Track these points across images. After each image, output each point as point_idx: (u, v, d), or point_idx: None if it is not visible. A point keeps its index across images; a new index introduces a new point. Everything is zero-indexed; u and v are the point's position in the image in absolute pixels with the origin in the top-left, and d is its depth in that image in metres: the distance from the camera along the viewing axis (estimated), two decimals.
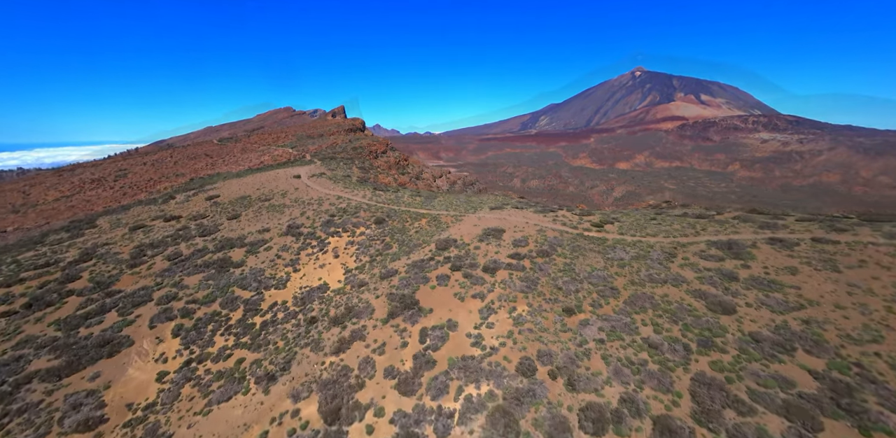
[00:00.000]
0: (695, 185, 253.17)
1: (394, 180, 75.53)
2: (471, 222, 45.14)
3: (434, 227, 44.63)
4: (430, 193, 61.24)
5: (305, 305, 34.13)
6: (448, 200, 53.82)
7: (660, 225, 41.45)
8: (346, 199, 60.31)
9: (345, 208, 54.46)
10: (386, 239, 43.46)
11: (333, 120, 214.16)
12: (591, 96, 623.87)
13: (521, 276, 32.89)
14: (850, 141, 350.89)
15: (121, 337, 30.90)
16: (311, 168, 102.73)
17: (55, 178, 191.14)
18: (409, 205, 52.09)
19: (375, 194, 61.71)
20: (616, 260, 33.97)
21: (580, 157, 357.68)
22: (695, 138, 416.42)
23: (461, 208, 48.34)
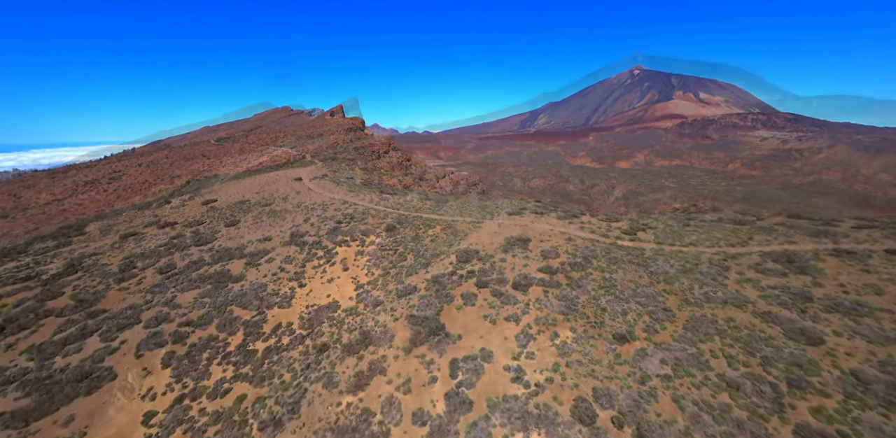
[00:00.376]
0: (696, 184, 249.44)
1: (398, 182, 71.40)
2: (490, 229, 41.09)
3: (450, 236, 40.57)
4: (440, 196, 57.00)
5: (314, 328, 30.06)
6: (460, 204, 49.78)
7: (697, 232, 37.53)
8: (351, 204, 56.17)
9: (351, 214, 50.35)
10: (399, 250, 39.36)
11: (333, 119, 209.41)
12: (590, 94, 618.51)
13: (558, 294, 28.93)
14: (849, 138, 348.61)
15: (102, 368, 26.71)
16: (313, 169, 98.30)
17: (48, 180, 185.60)
18: (420, 209, 48.03)
19: (383, 198, 57.62)
20: (661, 274, 30.02)
21: (580, 156, 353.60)
22: (694, 136, 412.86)
23: (476, 213, 44.35)
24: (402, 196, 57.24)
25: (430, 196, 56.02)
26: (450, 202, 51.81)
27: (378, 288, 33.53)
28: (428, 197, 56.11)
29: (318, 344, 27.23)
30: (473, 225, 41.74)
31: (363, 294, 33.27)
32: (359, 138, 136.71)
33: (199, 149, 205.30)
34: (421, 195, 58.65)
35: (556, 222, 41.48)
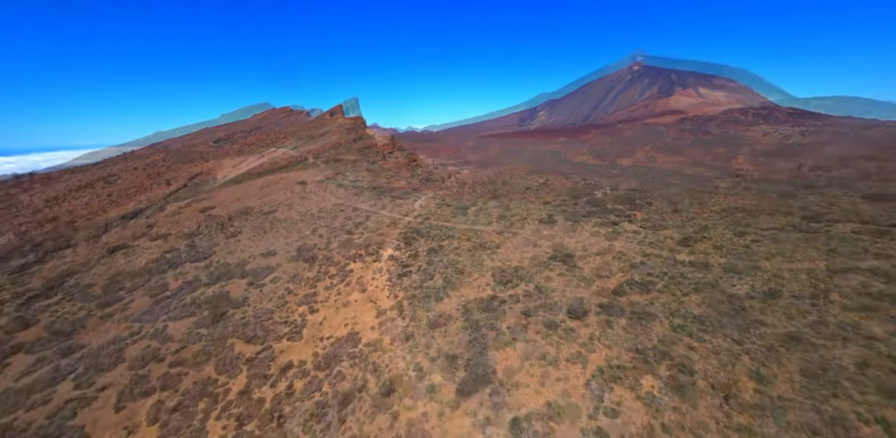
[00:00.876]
0: (701, 181, 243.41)
1: (407, 183, 66.01)
2: (523, 241, 35.70)
3: (479, 248, 35.20)
4: (456, 200, 51.55)
5: (331, 367, 24.79)
6: (480, 210, 44.41)
7: (764, 243, 32.10)
8: (362, 211, 50.81)
9: (363, 222, 44.97)
10: (422, 266, 33.96)
11: (333, 119, 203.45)
12: (590, 90, 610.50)
13: (625, 325, 23.67)
14: (852, 132, 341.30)
15: (72, 429, 21.40)
16: (316, 172, 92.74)
17: (40, 185, 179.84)
18: (438, 216, 42.77)
19: (395, 203, 52.33)
20: (744, 298, 24.69)
21: (581, 153, 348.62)
22: (695, 132, 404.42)
23: (501, 221, 39.10)
24: (415, 200, 51.87)
25: (445, 200, 50.53)
26: (468, 207, 46.46)
27: (404, 316, 28.25)
28: (445, 201, 50.58)
29: (340, 396, 21.92)
30: (502, 236, 36.49)
31: (387, 322, 27.99)
32: (360, 138, 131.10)
33: (197, 151, 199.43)
34: (437, 200, 53.11)
35: (595, 231, 36.30)
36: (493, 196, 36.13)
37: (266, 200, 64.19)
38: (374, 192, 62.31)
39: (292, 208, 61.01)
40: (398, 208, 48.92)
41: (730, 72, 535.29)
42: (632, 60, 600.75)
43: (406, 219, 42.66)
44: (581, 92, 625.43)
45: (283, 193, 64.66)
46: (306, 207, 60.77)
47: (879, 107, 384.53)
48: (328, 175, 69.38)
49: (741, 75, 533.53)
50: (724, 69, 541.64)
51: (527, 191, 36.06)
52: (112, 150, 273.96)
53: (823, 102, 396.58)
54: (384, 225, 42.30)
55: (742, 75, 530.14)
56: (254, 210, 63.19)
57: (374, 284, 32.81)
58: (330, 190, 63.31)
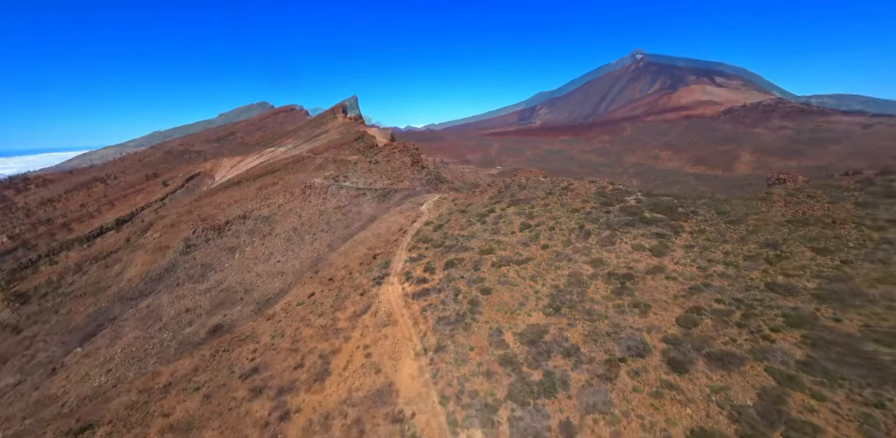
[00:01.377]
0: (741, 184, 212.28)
1: (412, 185, 61.59)
2: (555, 255, 30.83)
3: (505, 263, 30.41)
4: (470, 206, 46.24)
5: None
6: (501, 218, 39.46)
7: (858, 263, 25.33)
8: (367, 216, 46.51)
9: (383, 235, 40.38)
10: (461, 289, 27.99)
11: (333, 118, 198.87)
12: (592, 84, 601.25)
13: (707, 370, 19.04)
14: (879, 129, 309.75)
15: None
16: (316, 172, 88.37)
17: (35, 187, 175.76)
18: (453, 224, 38.09)
19: (402, 207, 47.87)
20: (863, 340, 19.06)
21: (587, 151, 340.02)
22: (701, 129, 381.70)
23: (526, 230, 34.36)
24: (437, 208, 45.93)
25: (458, 204, 45.52)
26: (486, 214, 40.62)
27: (450, 361, 22.67)
28: (457, 206, 45.24)
29: None
30: (529, 249, 31.50)
31: (433, 372, 21.79)
32: (361, 137, 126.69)
33: (194, 151, 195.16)
34: (448, 204, 48.10)
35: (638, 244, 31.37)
36: (512, 201, 31.40)
37: (265, 203, 59.95)
38: (378, 194, 58.08)
39: (293, 212, 56.82)
40: (406, 213, 44.49)
41: (729, 69, 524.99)
42: (632, 59, 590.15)
43: (415, 226, 38.12)
44: (583, 89, 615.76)
45: (283, 196, 60.38)
46: (307, 211, 56.57)
47: (880, 105, 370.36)
48: (329, 176, 65.12)
49: (739, 73, 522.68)
50: (723, 67, 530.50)
51: (549, 195, 31.17)
52: (110, 151, 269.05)
53: (823, 100, 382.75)
54: (393, 233, 37.86)
55: (740, 73, 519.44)
56: (252, 214, 59.05)
57: (408, 314, 27.32)
58: (331, 192, 59.04)
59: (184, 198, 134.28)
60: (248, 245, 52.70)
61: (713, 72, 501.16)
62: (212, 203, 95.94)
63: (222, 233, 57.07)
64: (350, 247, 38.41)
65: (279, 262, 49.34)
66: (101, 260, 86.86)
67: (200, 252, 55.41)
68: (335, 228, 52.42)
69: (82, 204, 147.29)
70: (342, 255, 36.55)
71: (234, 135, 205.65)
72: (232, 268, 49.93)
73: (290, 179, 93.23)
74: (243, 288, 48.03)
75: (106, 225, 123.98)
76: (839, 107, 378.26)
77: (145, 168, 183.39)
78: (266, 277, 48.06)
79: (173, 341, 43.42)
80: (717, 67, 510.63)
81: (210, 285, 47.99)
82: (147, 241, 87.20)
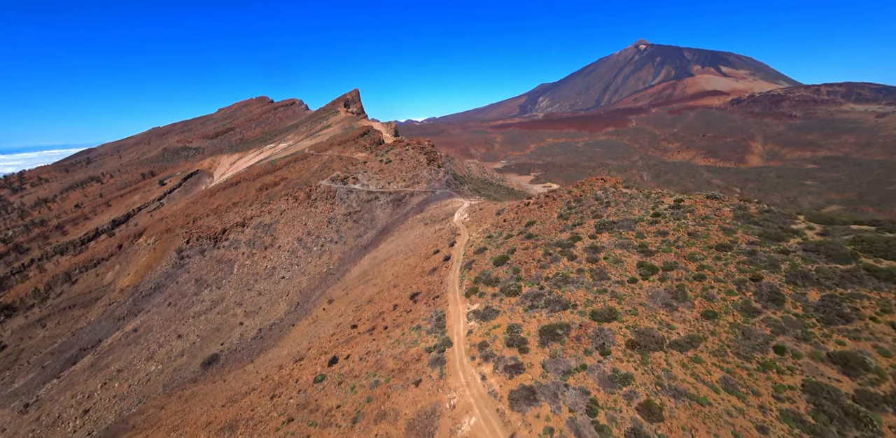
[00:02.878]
0: (840, 176, 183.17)
1: (440, 187, 54.57)
2: (784, 349, 17.44)
3: (686, 355, 15.36)
4: (546, 230, 21.51)
5: None
6: (597, 250, 17.92)
7: None
8: (403, 232, 39.96)
9: (413, 257, 33.35)
10: (597, 398, 12.00)
11: (334, 112, 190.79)
12: (594, 73, 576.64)
13: None
14: None
15: None
16: (320, 171, 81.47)
17: (30, 186, 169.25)
18: (539, 261, 18.71)
19: (426, 218, 41.33)
20: None
21: (593, 144, 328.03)
22: (762, 115, 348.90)
23: (654, 278, 16.16)
24: (475, 220, 33.42)
25: (528, 228, 25.32)
26: (567, 244, 21.40)
27: None
28: (511, 224, 27.56)
29: None
30: (674, 316, 13.10)
31: None
32: (366, 133, 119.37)
33: (193, 147, 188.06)
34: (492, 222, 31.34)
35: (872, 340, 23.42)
36: (602, 224, 17.21)
37: (265, 209, 53.37)
38: (392, 198, 51.45)
39: (297, 220, 50.31)
40: (434, 226, 37.37)
41: (736, 58, 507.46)
42: (635, 49, 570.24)
43: (459, 250, 25.69)
44: (582, 74, 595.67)
45: (285, 200, 53.77)
46: (313, 218, 50.05)
47: (893, 93, 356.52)
48: (336, 177, 58.40)
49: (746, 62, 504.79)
50: (729, 56, 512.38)
51: (658, 218, 16.63)
52: (108, 147, 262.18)
53: (834, 89, 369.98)
54: (427, 256, 29.94)
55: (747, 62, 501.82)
56: (251, 221, 52.57)
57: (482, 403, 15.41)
58: (339, 196, 52.38)
59: (181, 199, 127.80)
60: (248, 258, 46.36)
61: (720, 60, 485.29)
62: (209, 205, 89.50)
63: (218, 243, 50.71)
64: (370, 269, 31.97)
65: (283, 279, 43.09)
66: (91, 268, 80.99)
67: (194, 264, 49.15)
68: (346, 238, 46.02)
69: (77, 204, 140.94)
70: (361, 281, 30.10)
71: (233, 130, 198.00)
72: (229, 285, 43.69)
73: (291, 179, 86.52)
74: (243, 311, 41.85)
75: (101, 228, 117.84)
76: (850, 96, 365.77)
77: (142, 166, 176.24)
78: (269, 297, 41.84)
79: (161, 375, 37.48)
80: (723, 56, 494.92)
81: (205, 306, 41.80)
82: (140, 247, 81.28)
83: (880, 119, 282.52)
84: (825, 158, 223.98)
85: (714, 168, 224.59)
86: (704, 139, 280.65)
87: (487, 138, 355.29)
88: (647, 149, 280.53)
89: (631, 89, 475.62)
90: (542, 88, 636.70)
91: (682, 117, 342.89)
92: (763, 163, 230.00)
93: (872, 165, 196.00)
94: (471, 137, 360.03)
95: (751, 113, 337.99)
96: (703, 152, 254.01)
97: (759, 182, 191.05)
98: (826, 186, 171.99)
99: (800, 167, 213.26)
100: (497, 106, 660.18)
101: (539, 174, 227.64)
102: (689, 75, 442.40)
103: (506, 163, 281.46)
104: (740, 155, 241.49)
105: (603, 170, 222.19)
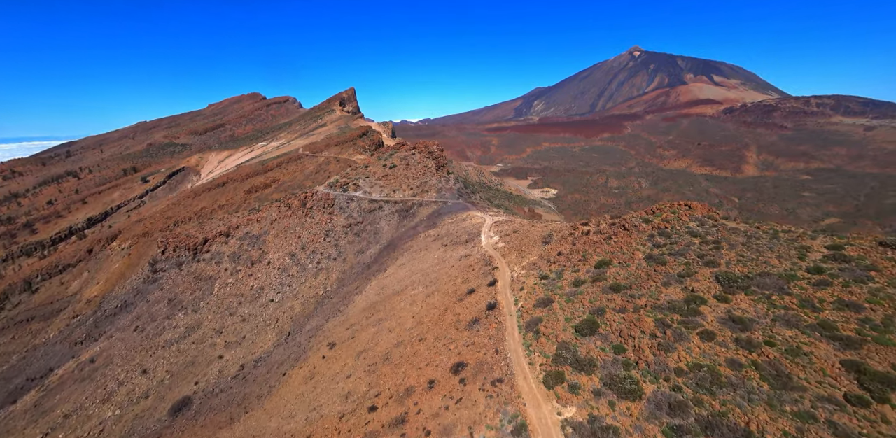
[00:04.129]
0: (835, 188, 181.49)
1: (451, 197, 48.74)
2: None
3: None
4: (635, 283, 16.91)
5: None
6: (763, 331, 10.39)
7: None
8: (417, 255, 34.02)
9: (436, 295, 27.45)
10: None
11: (330, 110, 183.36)
12: (589, 78, 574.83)
13: None
14: None
15: None
16: (316, 174, 74.91)
17: (2, 179, 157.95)
18: (658, 341, 16.16)
19: (475, 251, 32.75)
20: None
21: (589, 149, 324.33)
22: (755, 124, 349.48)
23: None
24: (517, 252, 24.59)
25: (602, 274, 18.63)
26: (720, 313, 13.22)
27: None
28: (611, 279, 17.61)
29: None
30: None
31: None
32: (365, 133, 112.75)
33: (180, 143, 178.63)
34: (540, 254, 23.29)
35: None
36: (729, 280, 7.98)
37: (254, 217, 46.84)
38: (398, 209, 45.41)
39: (290, 231, 43.93)
40: (457, 249, 30.86)
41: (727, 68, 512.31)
42: (629, 56, 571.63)
43: (507, 297, 18.80)
44: (577, 79, 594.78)
45: (277, 208, 47.31)
46: (309, 230, 43.71)
47: (881, 107, 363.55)
48: (334, 183, 52.12)
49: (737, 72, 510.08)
50: (721, 65, 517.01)
51: (818, 273, 10.77)
52: (91, 140, 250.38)
53: (823, 101, 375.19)
54: (458, 295, 21.73)
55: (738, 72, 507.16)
56: (237, 231, 46.02)
57: None
58: (339, 204, 46.15)
59: (165, 198, 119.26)
60: (231, 275, 39.89)
61: (712, 69, 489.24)
62: (192, 207, 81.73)
63: (198, 256, 44.05)
64: (380, 302, 25.92)
65: (272, 302, 36.77)
66: (56, 276, 72.90)
67: (169, 280, 42.41)
68: (346, 254, 39.90)
69: (51, 200, 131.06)
70: (370, 319, 24.02)
71: (223, 127, 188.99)
72: (208, 308, 37.20)
73: (284, 181, 79.69)
74: (223, 340, 35.36)
75: (75, 227, 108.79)
76: (839, 109, 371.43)
77: (124, 161, 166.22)
78: (254, 323, 35.45)
79: (119, 424, 30.67)
80: (715, 65, 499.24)
81: (178, 332, 35.21)
82: (113, 252, 73.52)
83: (868, 132, 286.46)
84: (818, 170, 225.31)
85: (711, 176, 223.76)
86: (700, 147, 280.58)
87: (483, 141, 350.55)
88: (644, 156, 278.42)
89: (625, 95, 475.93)
90: (538, 92, 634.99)
91: (676, 125, 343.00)
92: (759, 172, 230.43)
93: (866, 178, 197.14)
94: (466, 139, 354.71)
95: (743, 122, 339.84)
96: (700, 161, 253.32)
97: (756, 192, 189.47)
98: (824, 198, 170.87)
99: (794, 178, 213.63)
100: (492, 108, 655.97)
101: (537, 178, 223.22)
102: (682, 83, 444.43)
103: (502, 166, 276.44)
104: (736, 164, 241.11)
105: (601, 176, 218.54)
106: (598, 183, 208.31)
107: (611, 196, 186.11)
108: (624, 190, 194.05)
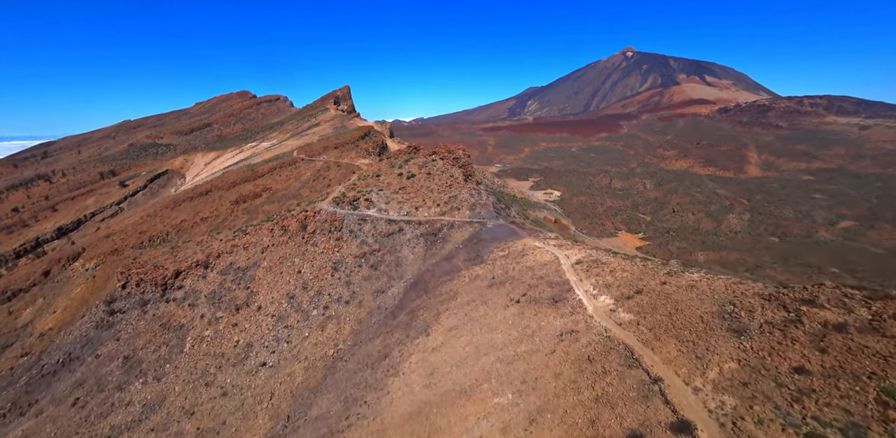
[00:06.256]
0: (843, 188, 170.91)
1: (488, 216, 39.02)
2: None
3: None
4: None
5: None
6: None
7: None
8: (464, 326, 24.84)
9: (466, 370, 18.27)
10: None
11: (324, 109, 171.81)
12: (582, 78, 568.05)
13: None
14: None
15: None
16: (314, 182, 64.49)
17: None
18: None
19: (580, 324, 25.38)
20: None
21: (587, 149, 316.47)
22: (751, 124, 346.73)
23: None
24: (676, 338, 19.45)
25: (768, 394, 11.29)
26: None
27: None
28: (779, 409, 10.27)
29: None
30: None
31: None
32: (367, 135, 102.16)
33: (163, 143, 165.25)
34: (774, 372, 18.24)
35: None
36: None
37: (240, 243, 36.61)
38: (423, 232, 35.56)
39: (287, 262, 33.88)
40: (545, 315, 20.08)
41: (719, 68, 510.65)
42: (622, 56, 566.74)
43: None
44: (570, 79, 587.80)
45: (269, 231, 37.13)
46: (312, 262, 33.71)
47: (873, 107, 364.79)
48: (340, 197, 41.92)
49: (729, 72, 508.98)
50: (713, 66, 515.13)
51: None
52: (70, 140, 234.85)
53: (815, 101, 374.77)
54: None
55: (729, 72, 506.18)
56: (218, 262, 35.84)
57: None
58: (348, 226, 36.17)
59: (144, 205, 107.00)
60: (209, 324, 29.82)
61: (704, 70, 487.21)
62: (170, 220, 69.01)
63: (168, 293, 33.83)
64: (434, 404, 16.16)
65: (265, 366, 26.79)
66: (4, 303, 61.01)
67: (128, 327, 32.14)
68: (361, 295, 30.05)
69: (16, 207, 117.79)
70: None
71: (210, 126, 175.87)
72: (176, 374, 27.13)
73: (278, 190, 69.08)
74: (193, 427, 25.29)
75: (43, 238, 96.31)
76: (832, 109, 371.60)
77: (102, 163, 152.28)
78: (239, 400, 25.48)
79: None
80: (707, 66, 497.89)
81: (131, 413, 25.11)
82: (75, 274, 62.14)
83: (863, 131, 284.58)
84: (821, 170, 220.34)
85: (715, 177, 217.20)
86: (699, 147, 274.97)
87: (479, 140, 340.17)
88: (644, 156, 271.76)
89: (619, 95, 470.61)
90: (531, 92, 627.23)
91: (672, 124, 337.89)
92: (762, 173, 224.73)
93: (870, 178, 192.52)
94: (462, 139, 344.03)
95: (739, 122, 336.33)
96: (702, 161, 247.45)
97: (765, 194, 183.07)
98: (836, 200, 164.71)
99: (797, 178, 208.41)
100: (486, 108, 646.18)
101: (538, 180, 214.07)
102: (675, 83, 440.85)
103: (501, 166, 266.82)
104: (739, 164, 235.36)
105: (604, 177, 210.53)
106: (602, 184, 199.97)
107: (617, 198, 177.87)
108: (629, 191, 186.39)
